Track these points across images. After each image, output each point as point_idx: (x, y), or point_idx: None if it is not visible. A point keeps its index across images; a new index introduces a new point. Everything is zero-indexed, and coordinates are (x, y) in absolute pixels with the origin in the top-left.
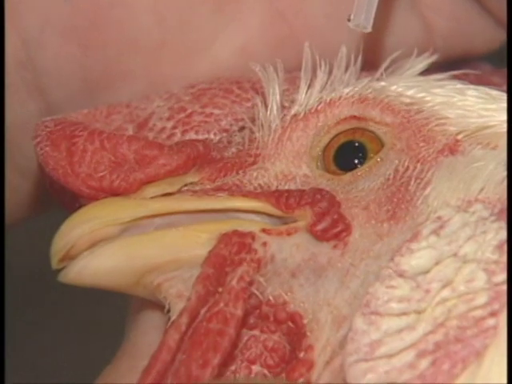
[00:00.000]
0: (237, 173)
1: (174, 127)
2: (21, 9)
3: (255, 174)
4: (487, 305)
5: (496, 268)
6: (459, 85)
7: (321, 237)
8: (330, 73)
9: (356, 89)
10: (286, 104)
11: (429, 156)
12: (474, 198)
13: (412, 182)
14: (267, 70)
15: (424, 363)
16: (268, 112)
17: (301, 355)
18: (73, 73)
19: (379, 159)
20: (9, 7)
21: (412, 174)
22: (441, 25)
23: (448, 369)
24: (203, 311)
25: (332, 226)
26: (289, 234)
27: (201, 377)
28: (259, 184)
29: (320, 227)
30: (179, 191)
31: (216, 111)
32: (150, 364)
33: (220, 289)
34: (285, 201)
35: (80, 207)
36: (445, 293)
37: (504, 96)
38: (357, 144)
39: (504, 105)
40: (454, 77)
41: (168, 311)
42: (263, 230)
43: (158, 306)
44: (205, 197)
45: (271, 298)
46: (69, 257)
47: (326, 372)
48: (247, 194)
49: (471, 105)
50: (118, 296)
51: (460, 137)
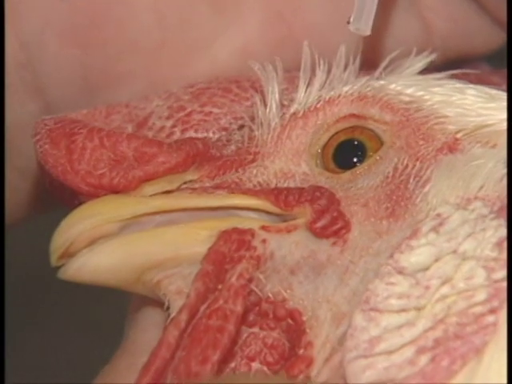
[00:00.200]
0: (236, 170)
1: (174, 126)
2: (20, 9)
3: (254, 172)
4: (486, 302)
5: (495, 265)
6: (458, 84)
7: (320, 234)
8: (329, 72)
9: (355, 87)
10: (285, 103)
11: (428, 154)
12: (474, 196)
13: (411, 180)
14: (266, 69)
15: (423, 360)
16: (267, 110)
17: (300, 352)
18: (72, 73)
19: (378, 157)
20: (8, 7)
21: (411, 172)
22: (440, 25)
23: (447, 365)
24: (203, 308)
25: (331, 224)
26: (288, 232)
27: (200, 373)
28: (258, 182)
29: (319, 224)
30: (178, 189)
31: (215, 110)
32: (150, 361)
33: (219, 286)
34: (284, 198)
35: (79, 205)
36: (444, 290)
37: (503, 95)
38: (356, 142)
39: (503, 103)
40: (453, 76)
41: (167, 308)
42: (262, 228)
43: (158, 304)
44: (204, 194)
45: (270, 295)
46: (68, 254)
47: (326, 368)
48: (246, 192)
49: (470, 103)
50: (118, 296)
51: (459, 135)
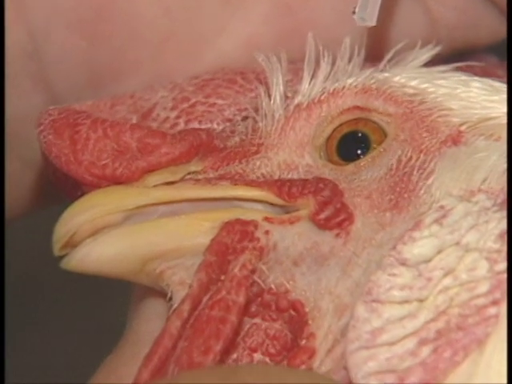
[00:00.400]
0: (240, 162)
1: (178, 117)
2: (27, 0)
3: (258, 164)
4: (489, 293)
5: (498, 257)
6: (463, 76)
7: (323, 225)
8: (334, 64)
9: (359, 79)
10: (290, 94)
11: (432, 146)
12: (477, 188)
13: (415, 172)
14: (271, 60)
15: (425, 351)
16: (271, 102)
17: (302, 343)
18: (78, 64)
19: (382, 150)
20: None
21: (415, 164)
22: (445, 16)
23: (449, 356)
24: (205, 299)
25: (334, 215)
26: (291, 223)
27: (202, 364)
28: (262, 173)
29: (322, 216)
30: (182, 180)
31: (219, 101)
32: (152, 351)
33: (222, 277)
34: (287, 190)
35: (82, 195)
36: (447, 281)
37: None
38: (360, 134)
39: None
40: (458, 69)
41: (170, 299)
42: (266, 219)
43: (160, 294)
44: (207, 185)
45: (273, 287)
46: (71, 244)
47: (328, 359)
48: (250, 183)
49: (475, 96)
50: (118, 296)
51: (463, 128)
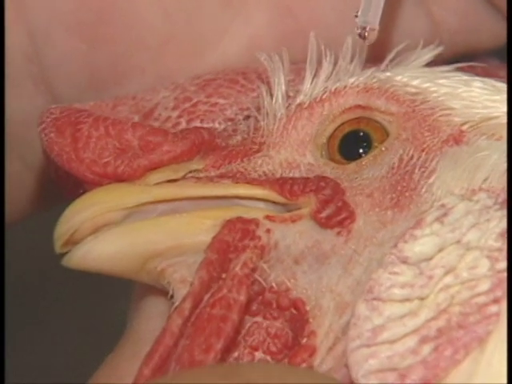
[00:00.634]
0: (241, 160)
1: (180, 116)
2: (28, 3)
3: (260, 162)
4: (490, 291)
5: (499, 255)
6: (464, 76)
7: (325, 224)
8: (336, 63)
9: (361, 78)
10: (291, 94)
11: (433, 146)
12: (478, 187)
13: (416, 171)
14: (273, 59)
15: (426, 349)
16: (273, 101)
17: (303, 341)
18: (79, 68)
19: (384, 149)
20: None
21: (416, 163)
22: (447, 20)
23: (450, 355)
24: (206, 297)
25: (336, 214)
26: (293, 221)
27: (204, 362)
28: (264, 171)
29: (324, 214)
30: (183, 178)
31: (221, 101)
32: (153, 349)
33: (223, 275)
34: (289, 188)
35: (84, 193)
36: (448, 279)
37: None
38: (361, 133)
39: None
40: (460, 69)
41: (171, 297)
42: (267, 217)
43: (162, 293)
44: (209, 184)
45: (274, 285)
46: (72, 241)
47: (329, 358)
48: (251, 182)
49: (476, 96)
50: (118, 296)
51: (465, 127)
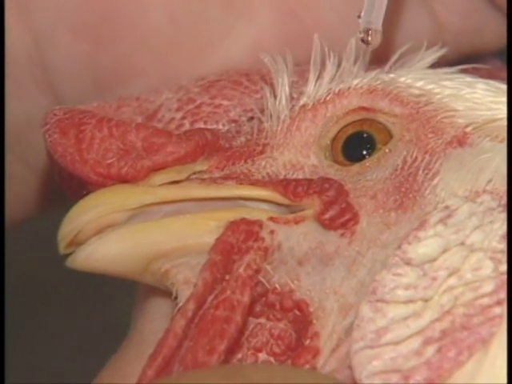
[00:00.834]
0: (245, 162)
1: (183, 118)
2: (32, 5)
3: (263, 163)
4: (494, 293)
5: (502, 257)
6: (468, 78)
7: (328, 225)
8: (339, 65)
9: (365, 80)
10: (295, 95)
11: (437, 147)
12: (482, 189)
13: (420, 173)
14: (276, 61)
15: (430, 350)
16: (277, 102)
17: (306, 343)
18: (83, 69)
19: (388, 150)
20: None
21: (420, 165)
22: (451, 21)
23: (454, 356)
24: (210, 298)
25: (340, 215)
26: (296, 223)
27: (207, 363)
28: (267, 173)
29: (327, 216)
30: (187, 179)
31: (225, 102)
32: (157, 350)
33: (227, 276)
34: (293, 189)
35: (87, 195)
36: (451, 281)
37: None
38: (365, 135)
39: None
40: (464, 71)
41: (175, 298)
42: (271, 219)
43: (165, 293)
44: (213, 185)
45: (278, 286)
46: (76, 242)
47: (332, 359)
48: (255, 183)
49: (480, 98)
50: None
51: (469, 129)
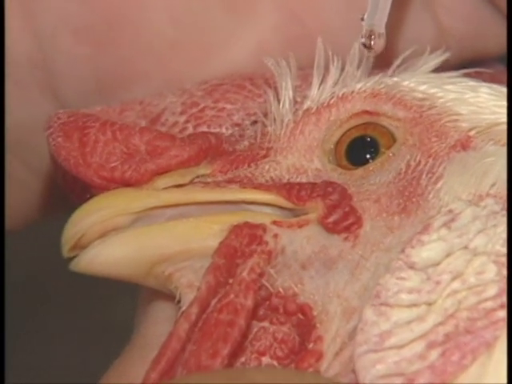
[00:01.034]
0: (249, 165)
1: (187, 121)
2: (35, 8)
3: (267, 167)
4: (497, 297)
5: (506, 260)
6: (471, 82)
7: (332, 229)
8: (343, 69)
9: (368, 84)
10: (299, 99)
11: (441, 151)
12: (485, 193)
13: (424, 176)
14: (280, 65)
15: (434, 354)
16: (280, 106)
17: (310, 346)
18: (86, 73)
19: (391, 154)
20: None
21: (424, 169)
22: (454, 26)
23: (458, 360)
24: (213, 302)
25: (343, 219)
26: (300, 227)
27: (211, 367)
28: (271, 177)
29: (331, 219)
30: (191, 183)
31: (228, 106)
32: (160, 353)
33: (230, 280)
34: (296, 193)
35: (91, 198)
36: (455, 285)
37: None
38: (369, 139)
39: None
40: (467, 75)
41: (178, 301)
42: (274, 222)
43: (168, 297)
44: (216, 188)
45: (281, 290)
46: (80, 246)
47: (336, 363)
48: (258, 187)
49: (483, 101)
50: (119, 297)
51: (472, 133)
